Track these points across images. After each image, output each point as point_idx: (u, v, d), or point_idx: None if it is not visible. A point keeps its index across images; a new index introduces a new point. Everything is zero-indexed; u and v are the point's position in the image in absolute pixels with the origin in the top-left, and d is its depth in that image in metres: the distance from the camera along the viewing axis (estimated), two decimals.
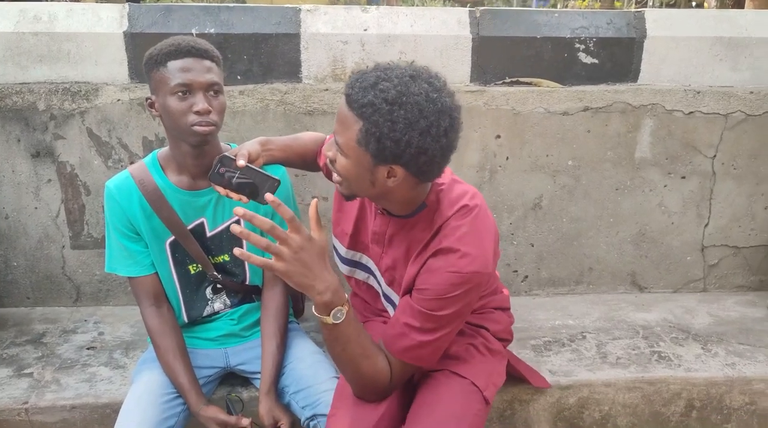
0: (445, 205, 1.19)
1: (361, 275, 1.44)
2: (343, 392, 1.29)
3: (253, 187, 1.29)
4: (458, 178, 1.27)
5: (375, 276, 1.40)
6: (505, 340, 1.48)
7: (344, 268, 1.46)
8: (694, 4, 16.86)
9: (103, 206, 1.93)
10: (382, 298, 1.41)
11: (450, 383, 1.26)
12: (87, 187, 1.91)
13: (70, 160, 1.89)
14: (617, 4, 17.64)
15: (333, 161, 1.13)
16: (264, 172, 1.30)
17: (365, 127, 1.03)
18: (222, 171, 1.28)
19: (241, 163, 1.27)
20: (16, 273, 1.99)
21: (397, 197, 1.17)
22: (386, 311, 1.44)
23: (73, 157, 1.88)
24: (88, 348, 1.78)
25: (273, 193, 1.29)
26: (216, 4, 1.93)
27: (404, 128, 1.01)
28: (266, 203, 1.31)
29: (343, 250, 1.42)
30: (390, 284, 1.34)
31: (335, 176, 1.16)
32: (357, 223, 1.37)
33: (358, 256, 1.41)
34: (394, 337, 1.19)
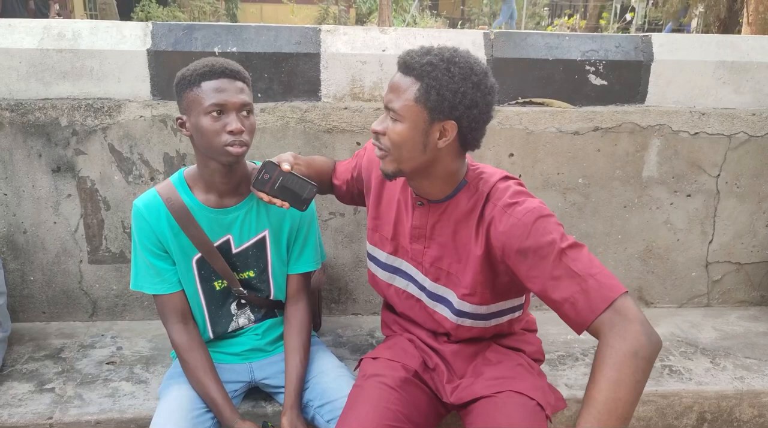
0: (487, 175, 1.30)
1: (400, 282, 1.46)
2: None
3: (294, 192, 1.36)
4: None
5: (416, 282, 1.42)
6: (539, 361, 1.53)
7: (384, 275, 1.48)
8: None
9: (122, 221, 1.95)
10: (428, 301, 1.42)
11: (516, 404, 1.30)
12: (107, 202, 1.92)
13: (90, 175, 1.90)
14: (602, 21, 17.97)
15: (382, 134, 1.22)
16: (303, 177, 1.37)
17: (425, 84, 1.16)
18: (266, 177, 1.34)
19: (286, 166, 1.35)
20: (33, 287, 1.99)
21: (442, 168, 1.25)
22: (427, 322, 1.46)
23: (93, 172, 1.90)
24: (107, 363, 1.78)
25: (311, 197, 1.38)
26: (238, 23, 1.97)
27: (460, 80, 1.16)
28: (304, 209, 1.38)
29: (383, 256, 1.46)
30: (436, 280, 1.37)
31: (379, 152, 1.25)
32: (396, 226, 1.41)
33: (398, 262, 1.44)
34: (591, 292, 1.12)
